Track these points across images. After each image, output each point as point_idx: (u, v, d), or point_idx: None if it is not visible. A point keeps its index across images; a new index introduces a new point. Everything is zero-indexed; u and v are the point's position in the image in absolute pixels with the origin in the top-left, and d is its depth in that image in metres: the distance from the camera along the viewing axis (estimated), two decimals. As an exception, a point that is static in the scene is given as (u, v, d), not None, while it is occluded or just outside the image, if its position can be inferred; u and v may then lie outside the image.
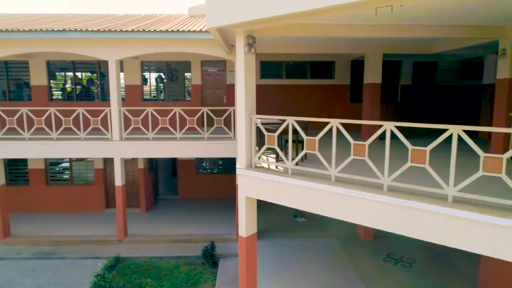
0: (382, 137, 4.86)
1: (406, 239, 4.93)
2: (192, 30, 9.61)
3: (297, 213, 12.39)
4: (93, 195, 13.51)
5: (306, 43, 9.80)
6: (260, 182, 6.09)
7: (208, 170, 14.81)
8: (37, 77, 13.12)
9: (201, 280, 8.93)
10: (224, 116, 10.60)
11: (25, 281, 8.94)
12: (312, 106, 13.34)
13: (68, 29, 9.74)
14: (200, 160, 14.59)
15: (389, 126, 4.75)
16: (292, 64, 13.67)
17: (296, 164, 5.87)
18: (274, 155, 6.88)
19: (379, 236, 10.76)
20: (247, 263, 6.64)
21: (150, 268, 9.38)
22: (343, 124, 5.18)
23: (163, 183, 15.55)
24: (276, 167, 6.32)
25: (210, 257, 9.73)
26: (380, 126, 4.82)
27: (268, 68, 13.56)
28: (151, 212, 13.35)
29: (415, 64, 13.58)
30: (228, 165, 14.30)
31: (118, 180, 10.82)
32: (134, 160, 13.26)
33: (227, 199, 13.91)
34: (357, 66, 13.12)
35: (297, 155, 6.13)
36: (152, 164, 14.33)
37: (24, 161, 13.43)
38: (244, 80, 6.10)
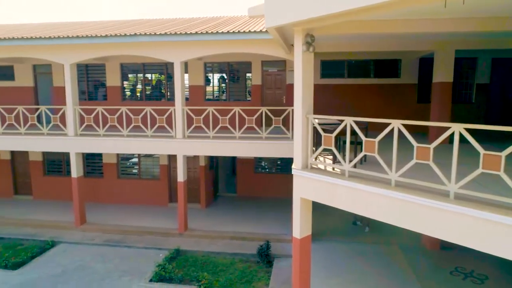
0: (452, 140, 4.47)
1: (478, 253, 4.47)
2: (252, 30, 9.73)
3: (356, 219, 11.93)
4: (158, 189, 14.32)
5: (368, 41, 9.40)
6: (316, 183, 5.96)
7: (267, 170, 14.90)
8: (112, 79, 14.25)
9: (255, 278, 9.01)
10: (282, 116, 10.58)
11: (96, 265, 9.76)
12: (375, 107, 12.77)
13: (138, 33, 10.44)
14: (259, 159, 14.74)
15: (457, 128, 4.36)
16: (355, 63, 13.20)
17: (354, 166, 5.65)
18: (331, 157, 6.69)
19: (446, 247, 9.96)
20: (301, 265, 6.55)
21: (207, 262, 9.68)
22: (407, 126, 4.86)
23: (223, 180, 15.97)
24: (333, 168, 6.14)
25: (265, 256, 9.77)
26: (448, 128, 4.45)
27: (329, 67, 13.26)
28: (210, 209, 13.78)
29: (494, 61, 12.34)
30: (286, 165, 14.27)
31: (180, 176, 11.34)
32: (196, 158, 13.80)
33: (284, 199, 13.88)
34: (427, 63, 12.28)
35: (355, 157, 5.90)
36: (213, 162, 14.79)
37: (99, 156, 14.66)
38: (301, 79, 6.02)
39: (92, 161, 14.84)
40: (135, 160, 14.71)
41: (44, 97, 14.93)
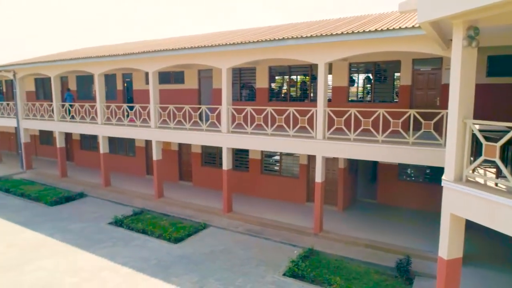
0: None
1: None
2: (403, 27, 9.00)
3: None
4: (296, 187, 14.76)
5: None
6: (472, 199, 5.15)
7: (413, 178, 13.62)
8: (261, 81, 15.34)
9: (391, 293, 8.38)
10: (434, 120, 9.50)
11: (238, 251, 10.72)
12: None
13: (286, 37, 10.94)
14: (404, 166, 13.58)
15: None
16: (537, 58, 10.79)
17: (525, 183, 4.66)
18: (494, 170, 5.66)
19: None
20: (446, 290, 5.78)
21: (340, 267, 9.48)
22: None
23: (362, 185, 15.34)
24: (496, 184, 5.19)
25: (405, 272, 8.97)
26: None
27: (499, 63, 11.20)
28: (347, 212, 13.43)
29: None
30: (436, 175, 12.74)
31: (318, 176, 11.41)
32: (335, 159, 13.65)
33: (430, 212, 12.45)
34: None
35: (528, 172, 4.85)
36: (353, 165, 14.37)
37: (246, 151, 16.01)
38: (459, 79, 5.28)
39: (240, 156, 16.32)
40: (277, 158, 15.50)
41: (205, 97, 17.16)
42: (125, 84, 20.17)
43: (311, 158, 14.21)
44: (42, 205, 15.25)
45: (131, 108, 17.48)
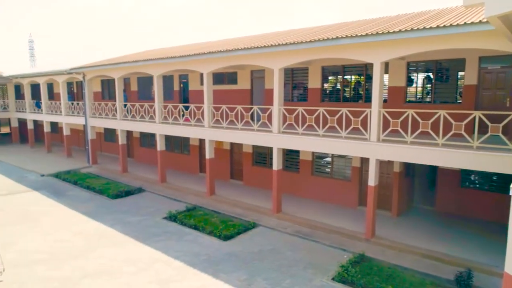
0: None
1: None
2: (468, 22, 8.36)
3: None
4: (348, 190, 14.36)
5: None
6: (545, 211, 4.65)
7: (477, 185, 12.61)
8: (313, 81, 15.14)
9: (449, 308, 7.83)
10: (503, 123, 8.73)
11: (286, 252, 10.68)
12: None
13: (340, 36, 10.68)
14: (467, 172, 12.63)
15: None
16: None
17: None
18: None
19: None
20: (513, 309, 5.27)
21: (393, 276, 9.05)
22: None
23: (419, 190, 14.52)
24: None
25: (465, 286, 8.34)
26: None
27: None
28: (402, 219, 12.79)
29: None
30: (504, 182, 11.69)
31: (372, 180, 11.01)
32: (390, 163, 13.07)
33: (495, 223, 11.44)
34: None
35: None
36: (409, 169, 13.66)
37: (297, 152, 15.90)
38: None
39: (290, 156, 16.24)
40: (329, 159, 15.20)
41: (257, 98, 17.32)
42: (181, 85, 21.02)
43: (364, 161, 13.75)
44: (104, 197, 16.40)
45: (187, 108, 18.15)
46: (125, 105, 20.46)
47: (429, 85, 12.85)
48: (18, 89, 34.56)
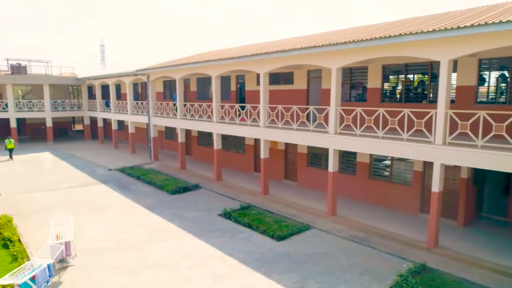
0: None
1: None
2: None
3: None
4: (408, 196, 13.61)
5: None
6: None
7: (560, 196, 11.27)
8: (373, 81, 14.56)
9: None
10: None
11: (340, 256, 10.40)
12: None
13: (403, 33, 10.15)
14: (548, 181, 11.35)
15: None
16: None
17: None
18: None
19: None
20: None
21: (458, 290, 8.42)
22: None
23: (490, 199, 13.32)
24: None
25: (544, 308, 7.50)
26: None
27: None
28: (469, 229, 11.83)
29: None
30: None
31: (436, 186, 10.33)
32: (457, 168, 12.16)
33: None
34: None
35: None
36: (478, 175, 12.59)
37: (354, 154, 15.41)
38: None
39: (347, 158, 15.78)
40: (388, 162, 14.53)
41: (313, 98, 17.08)
42: (238, 85, 21.40)
43: (428, 165, 12.94)
44: (164, 193, 17.23)
45: (243, 108, 18.45)
46: (184, 105, 21.33)
47: (503, 84, 11.73)
48: (90, 90, 37.62)
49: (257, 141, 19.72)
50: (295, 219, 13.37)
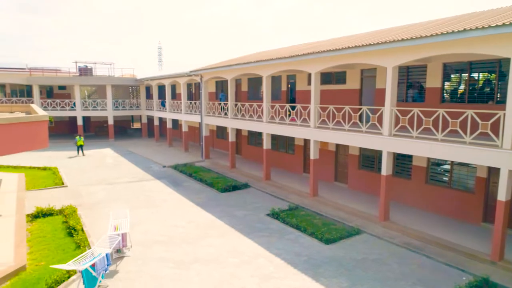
0: None
1: None
2: None
3: None
4: (469, 203, 12.64)
5: None
6: None
7: None
8: (432, 80, 13.72)
9: None
10: None
11: (392, 264, 9.92)
12: None
13: (468, 28, 9.44)
14: None
15: None
16: None
17: None
18: None
19: None
20: None
21: (526, 309, 7.66)
22: None
23: None
24: None
25: None
26: None
27: None
28: (542, 243, 10.71)
29: None
30: None
31: (502, 194, 9.49)
32: (528, 175, 11.05)
33: None
34: None
35: None
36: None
37: (409, 157, 14.63)
38: None
39: (402, 161, 15.04)
40: (447, 167, 13.62)
41: (367, 98, 16.50)
42: (289, 85, 21.30)
43: (493, 171, 11.93)
44: (214, 190, 17.63)
45: (293, 108, 18.31)
46: (235, 105, 21.67)
47: None
48: (148, 90, 39.62)
49: (306, 141, 19.49)
50: (345, 222, 13.00)
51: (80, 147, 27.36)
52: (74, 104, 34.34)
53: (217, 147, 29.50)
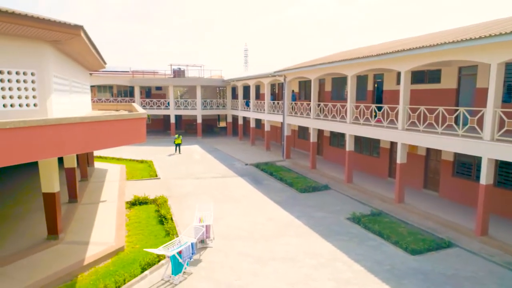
0: None
1: None
2: None
3: None
4: None
5: None
6: None
7: None
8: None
9: None
10: None
11: (489, 284, 8.83)
12: None
13: None
14: None
15: None
16: None
17: None
18: None
19: None
20: None
21: None
22: None
23: None
24: None
25: None
26: None
27: None
28: None
29: None
30: None
31: None
32: None
33: None
34: None
35: None
36: None
37: (516, 166, 12.89)
38: None
39: (506, 170, 13.31)
40: None
41: (464, 98, 14.94)
42: (376, 85, 20.32)
43: None
44: (293, 190, 17.67)
45: (380, 108, 17.44)
46: (318, 105, 21.40)
47: None
48: (233, 90, 41.33)
49: (393, 144, 18.40)
50: (434, 233, 11.97)
51: (178, 145, 29.33)
52: (168, 103, 37.44)
53: (298, 147, 29.49)
